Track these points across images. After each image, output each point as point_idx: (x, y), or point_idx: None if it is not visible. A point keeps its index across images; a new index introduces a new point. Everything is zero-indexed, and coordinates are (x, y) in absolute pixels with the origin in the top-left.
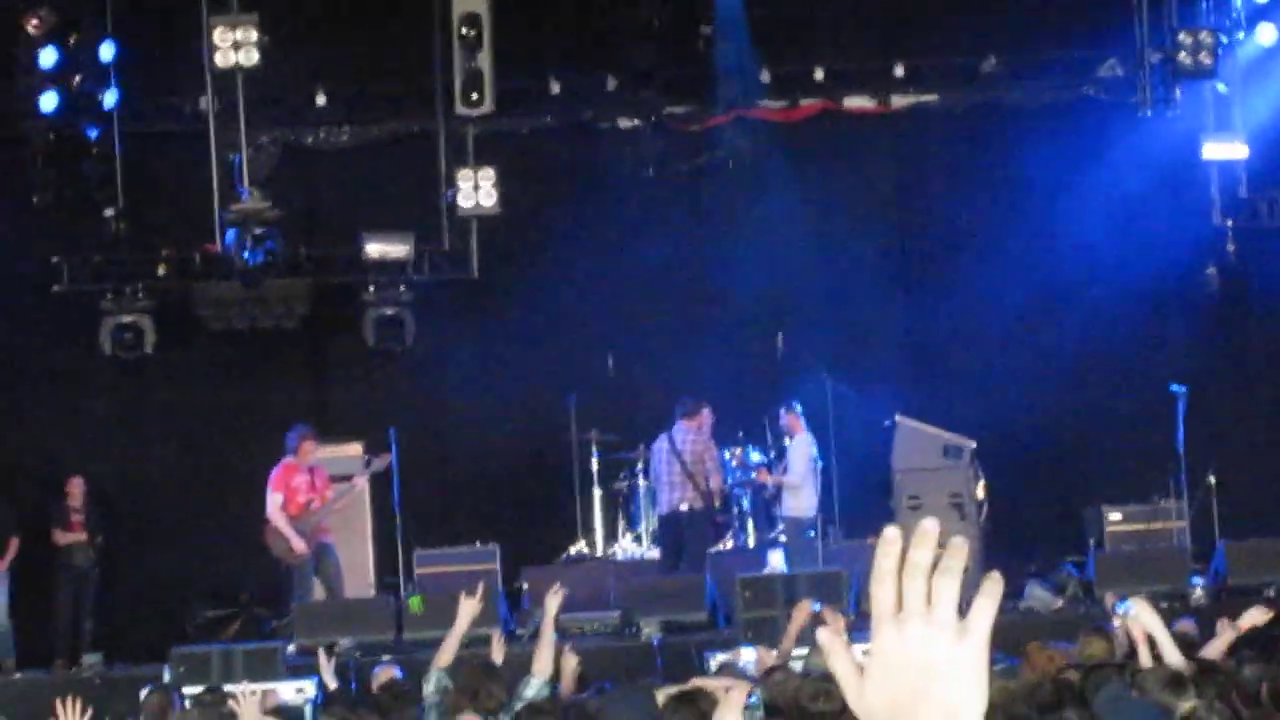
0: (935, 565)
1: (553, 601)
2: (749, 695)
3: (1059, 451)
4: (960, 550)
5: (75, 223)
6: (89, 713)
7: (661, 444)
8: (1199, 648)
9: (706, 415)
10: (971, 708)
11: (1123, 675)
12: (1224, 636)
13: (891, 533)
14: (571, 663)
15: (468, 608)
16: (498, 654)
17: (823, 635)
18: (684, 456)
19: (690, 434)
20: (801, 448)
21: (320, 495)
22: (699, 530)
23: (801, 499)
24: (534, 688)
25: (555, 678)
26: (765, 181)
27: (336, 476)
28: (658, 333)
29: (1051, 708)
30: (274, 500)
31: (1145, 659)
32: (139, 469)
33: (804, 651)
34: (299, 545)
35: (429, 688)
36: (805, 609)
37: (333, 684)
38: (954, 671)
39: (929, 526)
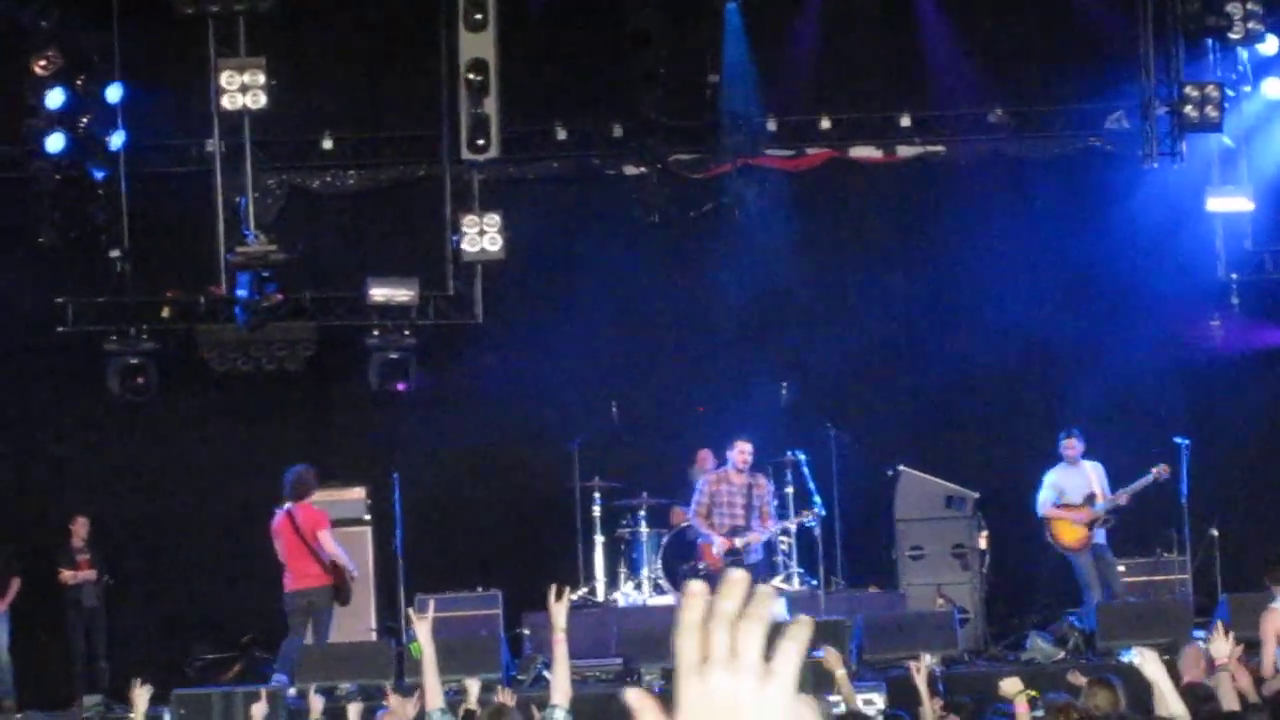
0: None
1: (559, 611)
2: None
3: None
4: (767, 598)
5: (81, 264)
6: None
7: None
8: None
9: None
10: None
11: None
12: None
13: (696, 586)
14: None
15: (424, 632)
16: (508, 698)
17: (631, 695)
18: None
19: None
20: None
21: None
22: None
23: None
24: (560, 717)
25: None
26: (771, 230)
27: None
28: (661, 380)
29: None
30: (330, 536)
31: (1161, 709)
32: (142, 511)
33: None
34: (355, 573)
35: None
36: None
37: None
38: (760, 715)
39: (737, 576)
